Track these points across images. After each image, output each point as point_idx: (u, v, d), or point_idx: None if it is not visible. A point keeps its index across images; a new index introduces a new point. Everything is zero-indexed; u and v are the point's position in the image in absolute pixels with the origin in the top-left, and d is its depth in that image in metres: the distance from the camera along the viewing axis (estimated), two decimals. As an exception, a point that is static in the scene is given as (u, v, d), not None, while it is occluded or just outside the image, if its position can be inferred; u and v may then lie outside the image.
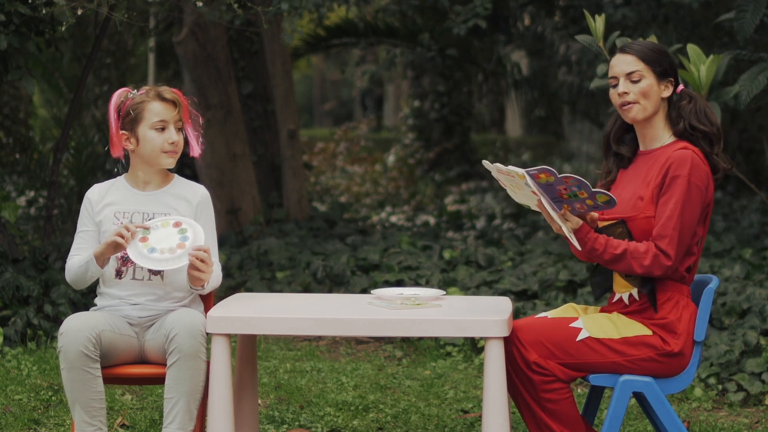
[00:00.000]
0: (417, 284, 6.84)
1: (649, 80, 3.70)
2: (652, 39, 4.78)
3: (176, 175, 4.01)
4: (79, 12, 6.10)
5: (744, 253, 7.27)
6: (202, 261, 3.72)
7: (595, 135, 17.30)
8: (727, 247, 7.80)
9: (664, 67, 3.71)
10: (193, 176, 9.13)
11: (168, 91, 3.89)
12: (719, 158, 3.71)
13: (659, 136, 3.76)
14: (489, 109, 20.07)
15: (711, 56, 5.11)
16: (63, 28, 6.16)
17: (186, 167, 10.36)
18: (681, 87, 3.76)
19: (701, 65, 5.12)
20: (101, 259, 3.79)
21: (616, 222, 3.70)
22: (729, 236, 8.16)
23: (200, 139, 4.04)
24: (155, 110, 3.85)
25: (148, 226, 3.77)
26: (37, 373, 5.43)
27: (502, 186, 3.77)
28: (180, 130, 3.91)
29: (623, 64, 3.73)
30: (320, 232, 8.87)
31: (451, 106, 15.78)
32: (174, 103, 3.87)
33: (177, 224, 3.79)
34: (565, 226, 3.62)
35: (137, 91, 3.90)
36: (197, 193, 3.96)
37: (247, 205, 8.89)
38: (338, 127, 17.56)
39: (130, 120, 3.86)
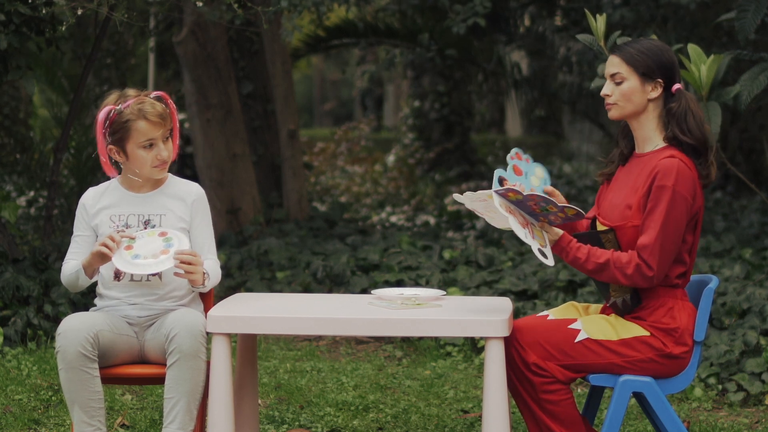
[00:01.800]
0: (417, 284, 6.83)
1: (631, 83, 3.70)
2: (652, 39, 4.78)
3: (170, 175, 4.00)
4: (79, 12, 6.09)
5: (744, 253, 7.27)
6: (188, 263, 3.72)
7: (595, 135, 17.30)
8: (727, 247, 7.80)
9: (650, 68, 3.68)
10: (193, 176, 9.13)
11: (152, 112, 3.80)
12: (704, 168, 3.68)
13: (650, 138, 3.74)
14: (489, 109, 20.06)
15: (711, 56, 5.11)
16: (63, 28, 6.15)
17: (186, 167, 10.36)
18: (676, 87, 3.72)
19: (702, 65, 5.12)
20: (89, 269, 3.80)
21: (608, 229, 3.70)
22: (729, 236, 8.16)
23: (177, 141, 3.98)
24: (141, 130, 3.80)
25: (134, 236, 3.78)
26: (37, 373, 5.43)
27: (478, 215, 3.79)
28: (168, 139, 3.87)
29: (609, 65, 3.75)
30: (320, 232, 8.87)
31: (451, 106, 15.76)
32: (160, 120, 3.82)
33: (162, 234, 3.80)
34: (541, 239, 3.64)
35: (122, 105, 3.83)
36: (191, 191, 3.95)
37: (247, 205, 8.88)
38: (338, 127, 17.55)
39: (118, 138, 3.84)
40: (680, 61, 5.19)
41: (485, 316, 3.60)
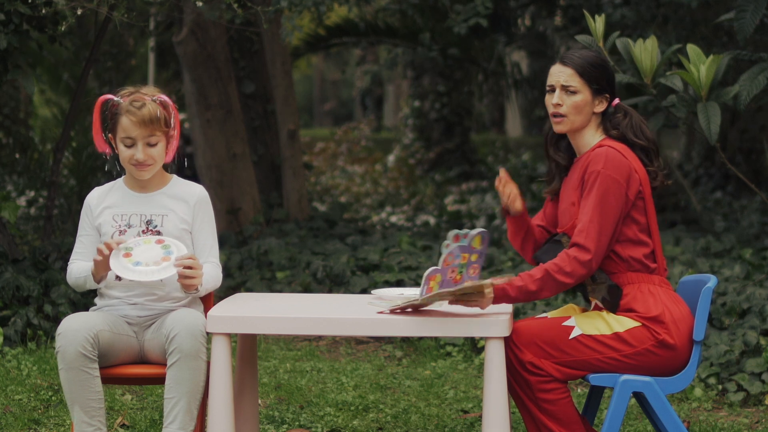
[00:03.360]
0: (417, 284, 6.83)
1: (583, 95, 3.75)
2: (652, 40, 4.79)
3: (174, 176, 4.00)
4: (79, 12, 6.09)
5: (744, 253, 7.27)
6: (189, 268, 3.72)
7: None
8: (727, 247, 7.79)
9: (601, 84, 3.76)
10: (193, 176, 9.12)
11: (136, 112, 3.79)
12: (657, 171, 3.76)
13: (589, 144, 3.81)
14: (489, 109, 20.07)
15: (711, 56, 5.11)
16: (63, 28, 6.15)
17: (186, 167, 10.36)
18: (617, 101, 3.82)
19: (701, 65, 5.12)
20: (97, 276, 3.81)
21: (561, 234, 3.76)
22: (729, 236, 8.16)
23: (179, 146, 3.98)
24: (122, 125, 3.82)
25: (131, 245, 3.77)
26: (37, 373, 5.43)
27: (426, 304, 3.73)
28: (152, 145, 3.82)
29: (561, 75, 3.78)
30: (320, 232, 8.87)
31: (451, 106, 15.77)
32: (141, 122, 3.79)
33: (159, 241, 3.80)
34: (482, 299, 3.61)
35: (121, 98, 3.85)
36: (194, 193, 3.94)
37: (247, 205, 8.88)
38: (338, 127, 17.56)
39: (111, 127, 3.87)
40: (680, 61, 5.20)
41: (485, 316, 3.60)
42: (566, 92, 3.76)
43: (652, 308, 3.65)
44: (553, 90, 3.79)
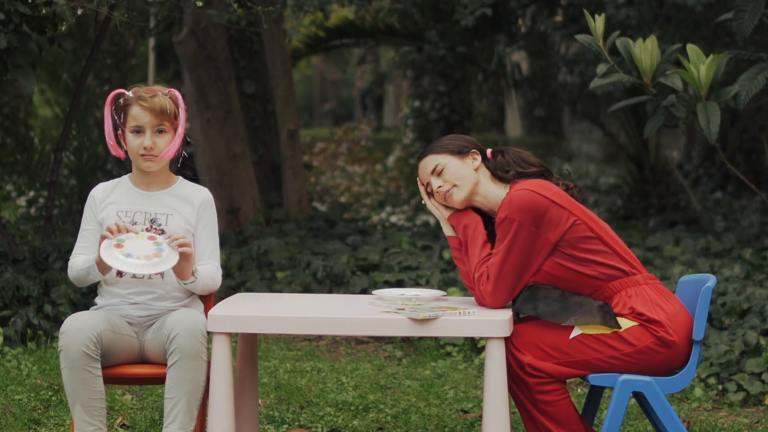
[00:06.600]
0: (417, 284, 6.84)
1: (452, 163, 3.87)
2: (652, 39, 4.78)
3: (180, 177, 4.03)
4: (79, 12, 6.09)
5: (744, 253, 7.27)
6: (184, 246, 3.74)
7: (595, 135, 17.31)
8: (727, 247, 7.79)
9: (460, 146, 3.89)
10: (193, 176, 9.13)
11: (148, 100, 3.85)
12: (563, 181, 3.87)
13: (501, 198, 3.85)
14: (489, 109, 20.06)
15: (711, 56, 5.12)
16: (63, 28, 6.15)
17: (186, 167, 10.36)
18: (489, 150, 3.92)
19: (701, 65, 5.13)
20: (101, 264, 3.81)
21: (530, 285, 3.78)
22: (729, 236, 8.16)
23: (183, 144, 3.97)
24: (133, 114, 3.86)
25: (123, 237, 3.76)
26: (37, 373, 5.43)
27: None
28: (162, 132, 3.87)
29: (425, 168, 3.91)
30: (320, 232, 8.87)
31: (451, 106, 15.76)
32: (151, 110, 3.84)
33: (151, 238, 3.81)
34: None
35: (130, 92, 3.90)
36: (200, 195, 3.97)
37: (247, 205, 8.88)
38: (338, 127, 17.55)
39: (122, 122, 3.89)
40: (679, 61, 5.20)
41: (485, 316, 3.60)
42: (437, 175, 3.87)
43: (644, 310, 3.66)
44: (431, 188, 3.90)
